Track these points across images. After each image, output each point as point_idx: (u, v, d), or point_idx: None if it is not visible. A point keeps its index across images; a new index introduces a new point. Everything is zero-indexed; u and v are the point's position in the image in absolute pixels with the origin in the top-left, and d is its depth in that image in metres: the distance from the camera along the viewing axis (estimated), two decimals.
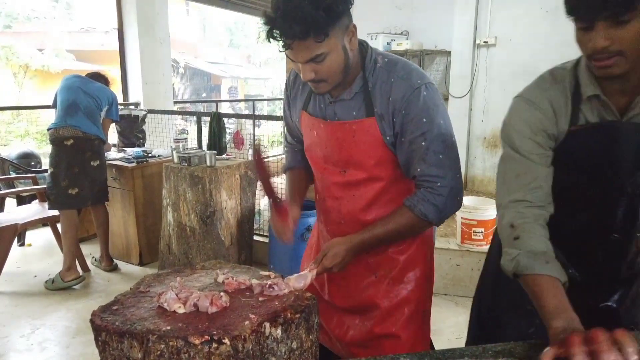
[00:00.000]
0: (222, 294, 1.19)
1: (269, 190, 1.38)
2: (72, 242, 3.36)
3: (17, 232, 3.28)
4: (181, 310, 1.14)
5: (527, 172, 1.11)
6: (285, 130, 1.60)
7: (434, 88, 1.24)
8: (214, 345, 1.01)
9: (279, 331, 1.09)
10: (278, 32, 1.10)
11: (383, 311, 1.39)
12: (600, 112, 1.11)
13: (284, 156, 1.77)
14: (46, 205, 3.60)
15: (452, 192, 1.24)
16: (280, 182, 4.06)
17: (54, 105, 3.51)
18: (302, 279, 1.22)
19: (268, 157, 1.41)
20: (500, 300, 1.39)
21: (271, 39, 1.12)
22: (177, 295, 1.18)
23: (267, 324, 1.08)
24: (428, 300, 1.46)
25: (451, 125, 1.27)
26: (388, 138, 1.25)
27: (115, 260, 3.73)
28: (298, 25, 1.06)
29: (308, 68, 1.16)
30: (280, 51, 1.15)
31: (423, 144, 1.21)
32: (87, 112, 3.43)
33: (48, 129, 3.46)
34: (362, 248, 1.28)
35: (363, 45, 1.29)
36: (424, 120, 1.20)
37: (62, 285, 3.30)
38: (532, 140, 1.12)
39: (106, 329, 1.07)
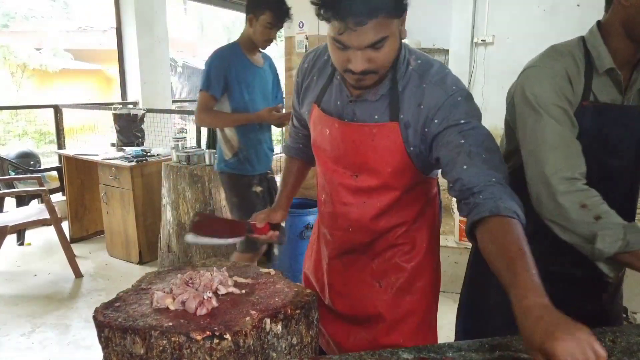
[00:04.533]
0: (211, 295, 1.20)
1: (233, 230, 1.28)
2: None
3: (6, 234, 3.28)
4: (172, 307, 1.15)
5: (563, 144, 1.08)
6: (293, 115, 1.49)
7: (469, 94, 1.14)
8: (216, 340, 1.02)
9: (279, 327, 1.11)
10: (347, 8, 0.93)
11: (388, 323, 1.32)
12: (607, 87, 1.13)
13: (282, 155, 1.74)
14: (44, 206, 3.59)
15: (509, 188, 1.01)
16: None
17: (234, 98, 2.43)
18: None
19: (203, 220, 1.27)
20: (490, 303, 1.38)
21: (332, 19, 0.97)
22: (171, 291, 1.19)
23: (268, 320, 1.09)
24: (435, 309, 1.41)
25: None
26: (412, 148, 1.14)
27: (114, 259, 3.76)
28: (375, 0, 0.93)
29: (364, 56, 1.01)
30: (340, 34, 0.98)
31: (462, 141, 1.04)
32: None
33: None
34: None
35: None
36: (462, 121, 1.06)
37: None
38: (559, 107, 1.10)
39: (109, 325, 1.08)
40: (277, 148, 8.57)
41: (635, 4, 1.04)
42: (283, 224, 1.37)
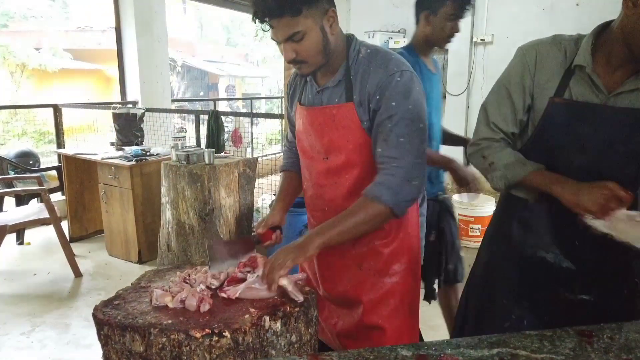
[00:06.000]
0: (204, 288, 1.21)
1: (244, 247, 1.38)
2: None
3: (6, 233, 3.28)
4: (171, 305, 1.15)
5: (484, 120, 1.34)
6: (288, 129, 1.66)
7: (411, 75, 1.28)
8: (215, 338, 1.02)
9: (278, 324, 1.11)
10: (259, 10, 1.20)
11: (367, 304, 1.41)
12: (584, 86, 1.18)
13: (281, 154, 1.79)
14: (43, 205, 3.59)
15: (407, 175, 1.25)
16: (276, 181, 4.07)
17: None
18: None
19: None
20: (483, 294, 1.45)
21: (256, 20, 1.22)
22: (169, 290, 1.20)
23: (267, 318, 1.09)
24: (414, 292, 1.47)
25: (423, 112, 1.28)
26: (365, 123, 1.31)
27: (114, 258, 3.76)
28: (274, 1, 1.17)
29: (289, 47, 1.24)
30: (265, 30, 1.25)
31: (388, 125, 1.25)
32: None
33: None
34: (323, 247, 1.25)
35: (349, 38, 1.36)
36: (393, 103, 1.25)
37: None
38: (506, 89, 1.31)
39: (108, 323, 1.08)
40: (277, 147, 8.58)
41: (636, 14, 1.06)
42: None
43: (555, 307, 1.30)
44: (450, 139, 2.30)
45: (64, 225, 3.87)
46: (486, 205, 3.21)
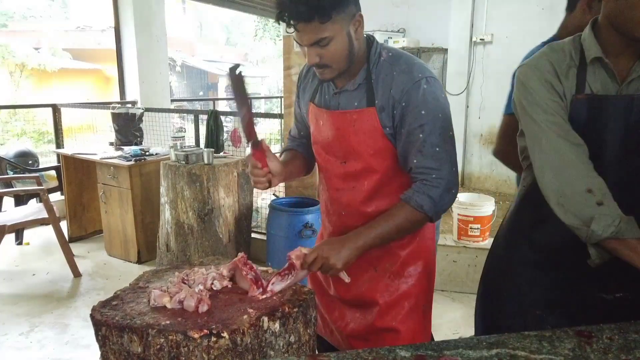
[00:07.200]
0: (202, 289, 1.20)
1: (250, 127, 1.32)
2: None
3: (5, 233, 3.28)
4: (169, 305, 1.15)
5: (562, 149, 1.13)
6: (293, 124, 1.61)
7: (436, 81, 1.26)
8: (213, 339, 1.02)
9: (277, 325, 1.11)
10: (286, 13, 1.16)
11: (382, 306, 1.40)
12: (603, 77, 1.15)
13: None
14: (42, 205, 3.59)
15: (447, 185, 1.26)
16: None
17: None
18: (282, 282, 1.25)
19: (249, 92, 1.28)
20: (506, 305, 1.36)
21: (280, 21, 1.19)
22: (167, 290, 1.19)
23: (266, 318, 1.09)
24: (428, 295, 1.46)
25: (451, 119, 1.28)
26: (388, 129, 1.28)
27: (113, 258, 3.76)
28: (304, 6, 1.13)
29: (313, 52, 1.21)
30: (288, 32, 1.21)
31: (420, 135, 1.23)
32: None
33: None
34: (365, 249, 1.28)
35: (370, 39, 1.32)
36: (423, 112, 1.22)
37: None
38: (553, 100, 1.15)
39: (106, 324, 1.08)
40: (277, 147, 8.57)
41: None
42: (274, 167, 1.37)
43: (592, 310, 1.23)
44: None
45: (63, 225, 3.86)
46: (486, 205, 3.21)
